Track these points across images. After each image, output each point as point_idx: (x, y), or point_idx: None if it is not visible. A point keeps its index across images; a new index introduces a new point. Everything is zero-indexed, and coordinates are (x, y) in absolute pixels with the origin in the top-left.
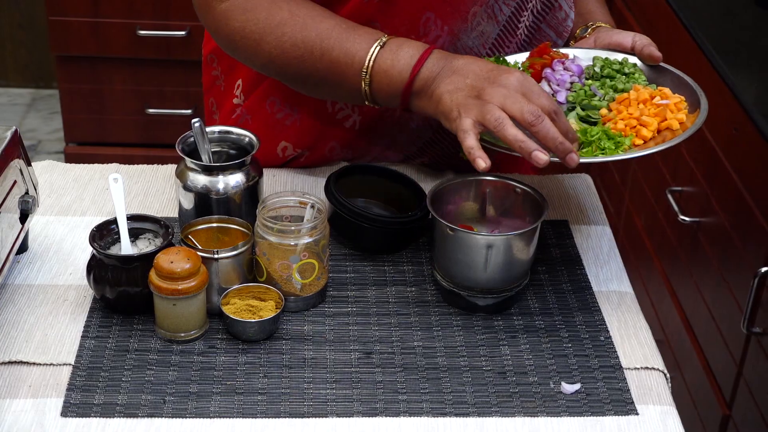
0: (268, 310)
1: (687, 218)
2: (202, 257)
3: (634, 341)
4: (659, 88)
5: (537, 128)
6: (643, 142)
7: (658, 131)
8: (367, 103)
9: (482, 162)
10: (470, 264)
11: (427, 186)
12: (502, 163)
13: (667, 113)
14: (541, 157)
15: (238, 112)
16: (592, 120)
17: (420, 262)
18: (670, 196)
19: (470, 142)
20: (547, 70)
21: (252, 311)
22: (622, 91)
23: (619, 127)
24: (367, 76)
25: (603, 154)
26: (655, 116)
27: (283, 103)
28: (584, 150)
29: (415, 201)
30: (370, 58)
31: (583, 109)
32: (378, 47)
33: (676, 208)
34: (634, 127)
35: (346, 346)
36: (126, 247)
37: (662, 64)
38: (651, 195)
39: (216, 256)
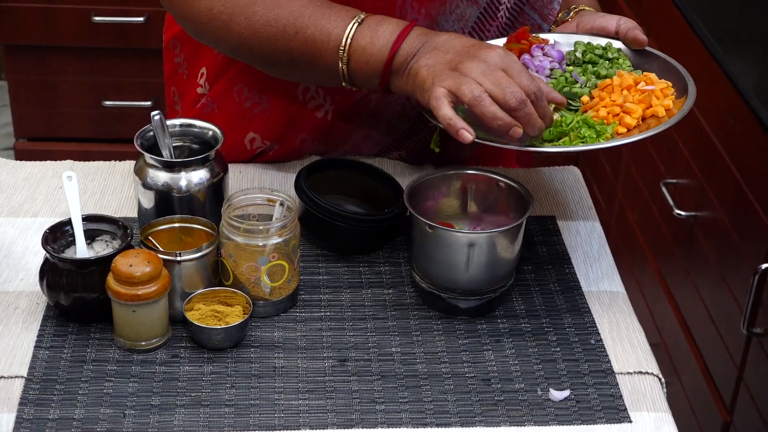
0: (234, 316)
1: (683, 212)
2: (164, 260)
3: (626, 344)
4: (644, 73)
5: (519, 114)
6: (626, 130)
7: (643, 119)
8: (344, 84)
9: (467, 133)
10: (451, 264)
11: (405, 181)
12: (483, 155)
13: (652, 100)
14: (518, 131)
15: (203, 101)
16: (573, 107)
17: (397, 262)
18: (664, 189)
19: (445, 110)
20: (526, 57)
21: (218, 317)
22: (605, 77)
23: (601, 115)
24: (345, 55)
25: (583, 143)
26: (639, 103)
27: (252, 90)
28: (563, 140)
29: (391, 197)
30: (348, 35)
31: None
32: (356, 24)
33: (671, 201)
34: (617, 114)
35: (320, 353)
36: (81, 250)
37: (648, 48)
38: (645, 188)
39: (178, 258)
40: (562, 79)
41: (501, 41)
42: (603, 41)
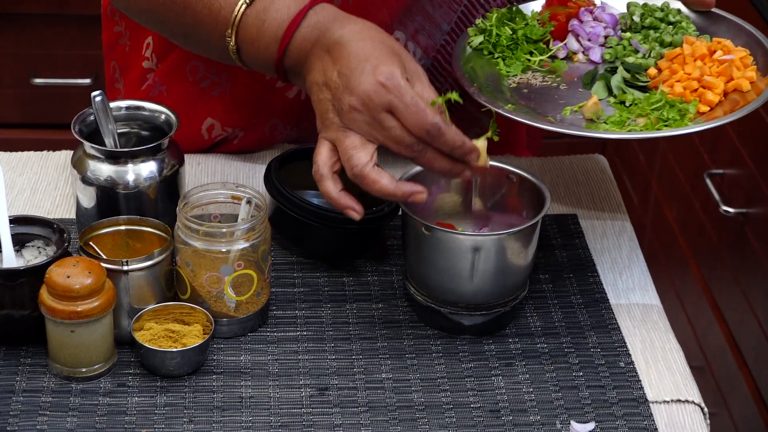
0: (193, 337)
1: (731, 209)
2: (108, 270)
3: (662, 367)
4: (716, 39)
5: (420, 161)
6: (708, 108)
7: (724, 94)
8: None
9: (354, 213)
10: (452, 272)
11: (396, 173)
12: (489, 141)
13: (733, 71)
14: (421, 197)
15: (150, 80)
16: (640, 84)
17: (388, 271)
18: (709, 182)
19: (327, 186)
20: (574, 22)
21: (173, 338)
22: (671, 45)
23: (677, 92)
24: (233, 44)
25: (666, 126)
26: (719, 75)
27: (209, 67)
28: (641, 122)
29: None
30: (234, 21)
31: (627, 71)
32: (244, 5)
33: (716, 196)
34: (696, 90)
35: (295, 380)
36: (9, 258)
37: (714, 9)
38: (685, 180)
39: (125, 267)
40: (620, 48)
41: (539, 3)
42: (659, 0)
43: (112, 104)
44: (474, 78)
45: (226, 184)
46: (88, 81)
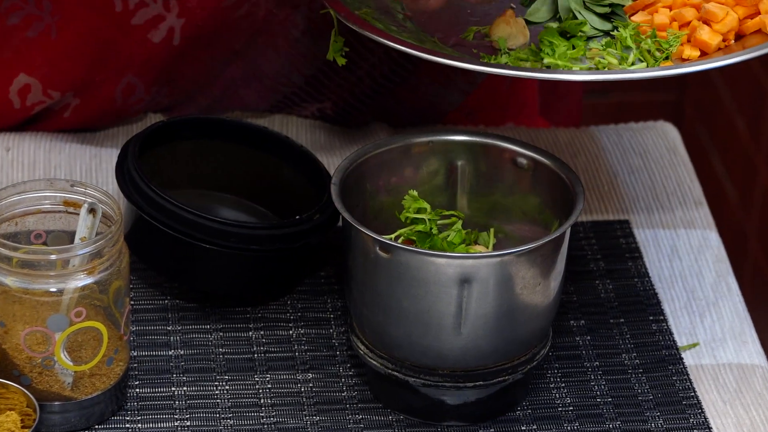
0: (5, 431)
1: None
2: None
3: None
4: None
5: None
6: (698, 54)
7: (738, 36)
8: None
9: None
10: (428, 319)
11: (333, 160)
12: (482, 103)
13: (762, 2)
14: None
15: None
16: (606, 5)
17: (323, 318)
18: None
19: None
20: None
21: None
22: None
23: (658, 23)
24: None
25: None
26: (736, 4)
27: None
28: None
29: (307, 192)
30: None
31: None
32: None
33: None
34: (687, 23)
35: None
36: None
37: None
38: None
39: None
40: None
41: None
42: None
43: None
44: None
45: (54, 183)
46: None
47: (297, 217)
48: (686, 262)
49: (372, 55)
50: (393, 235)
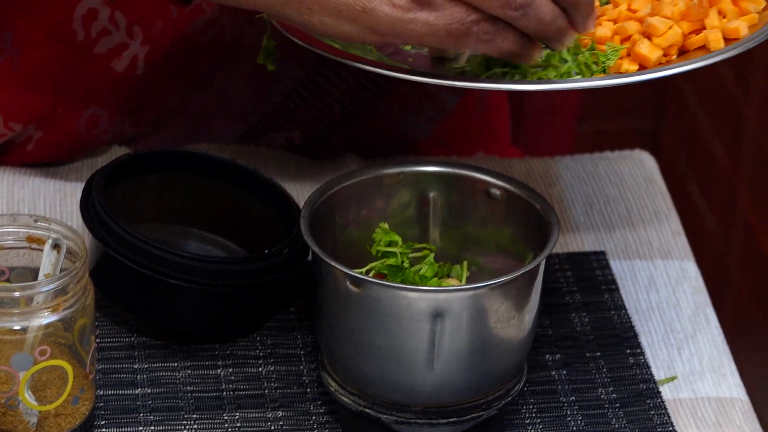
0: None
1: None
2: None
3: None
4: None
5: (526, 15)
6: (636, 68)
7: (681, 51)
8: None
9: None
10: (400, 355)
11: (302, 191)
12: (453, 132)
13: (708, 15)
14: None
15: None
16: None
17: (294, 355)
18: None
19: None
20: None
21: None
22: None
23: (600, 35)
24: None
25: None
26: (681, 19)
27: None
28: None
29: (276, 225)
30: None
31: None
32: None
33: None
34: (628, 37)
35: None
36: None
37: None
38: None
39: None
40: None
41: None
42: None
43: None
44: None
45: (17, 218)
46: None
47: (266, 251)
48: (664, 293)
49: (341, 81)
50: (364, 269)
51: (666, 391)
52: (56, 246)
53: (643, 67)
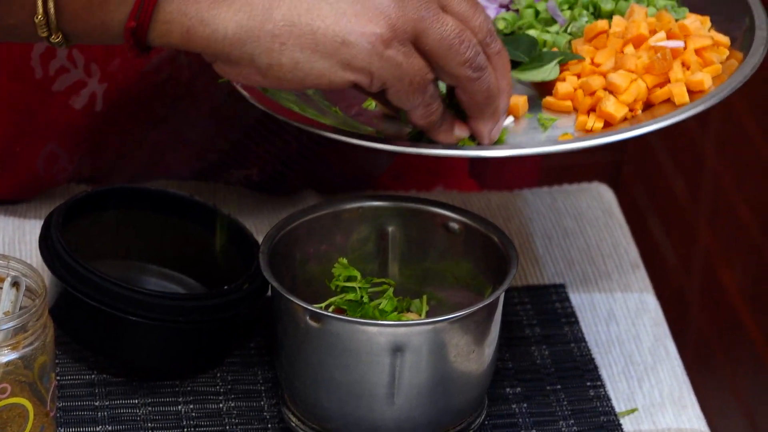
0: None
1: None
2: None
3: None
4: (690, 15)
5: (478, 84)
6: (601, 126)
7: (647, 105)
8: (47, 38)
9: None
10: (360, 390)
11: (261, 228)
12: (410, 166)
13: (672, 68)
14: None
15: None
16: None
17: (254, 391)
18: None
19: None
20: None
21: None
22: (611, 15)
23: (562, 92)
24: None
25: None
26: (645, 73)
27: None
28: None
29: (235, 261)
30: None
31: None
32: None
33: None
34: (593, 93)
35: None
36: None
37: None
38: (755, 222)
39: None
40: (528, 12)
41: None
42: None
43: None
44: None
45: None
46: None
47: (225, 287)
48: (623, 326)
49: None
50: (323, 304)
51: (627, 424)
52: (15, 284)
53: (608, 124)
